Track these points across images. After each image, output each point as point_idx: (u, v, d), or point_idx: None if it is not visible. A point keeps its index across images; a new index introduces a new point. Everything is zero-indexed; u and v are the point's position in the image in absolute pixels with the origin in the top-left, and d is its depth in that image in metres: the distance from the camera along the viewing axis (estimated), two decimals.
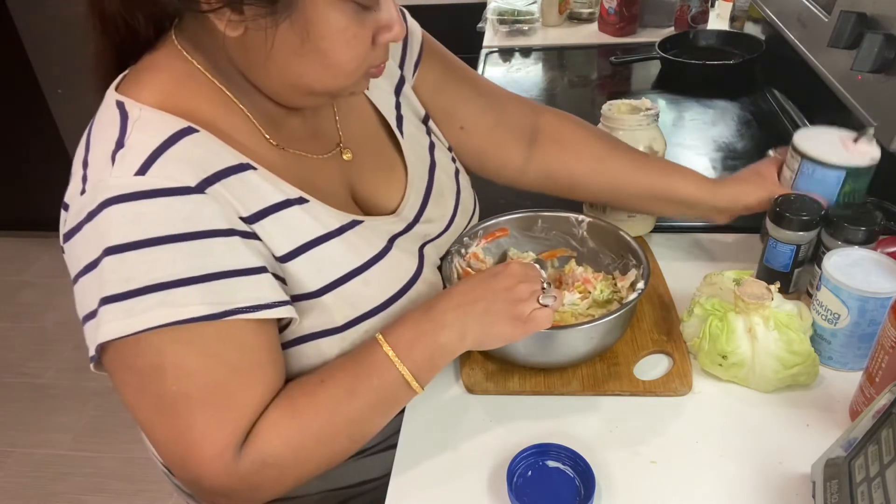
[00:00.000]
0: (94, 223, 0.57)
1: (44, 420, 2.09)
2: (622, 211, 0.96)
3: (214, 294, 0.58)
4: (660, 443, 0.70)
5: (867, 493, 0.51)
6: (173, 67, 0.63)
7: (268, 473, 0.61)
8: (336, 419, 0.64)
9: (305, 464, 0.64)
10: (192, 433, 0.59)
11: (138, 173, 0.56)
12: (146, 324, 0.56)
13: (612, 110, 0.95)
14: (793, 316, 0.73)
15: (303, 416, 0.63)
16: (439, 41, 0.91)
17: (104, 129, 0.60)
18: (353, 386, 0.64)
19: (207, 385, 0.59)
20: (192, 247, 0.57)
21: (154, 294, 0.56)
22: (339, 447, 0.65)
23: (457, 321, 0.66)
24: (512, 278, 0.67)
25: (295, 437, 0.62)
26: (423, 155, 0.83)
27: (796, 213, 0.80)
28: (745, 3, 1.69)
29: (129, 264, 0.56)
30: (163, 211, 0.57)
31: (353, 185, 0.76)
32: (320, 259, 0.67)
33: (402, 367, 0.64)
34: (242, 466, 0.60)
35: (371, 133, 0.80)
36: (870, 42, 0.86)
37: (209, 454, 0.59)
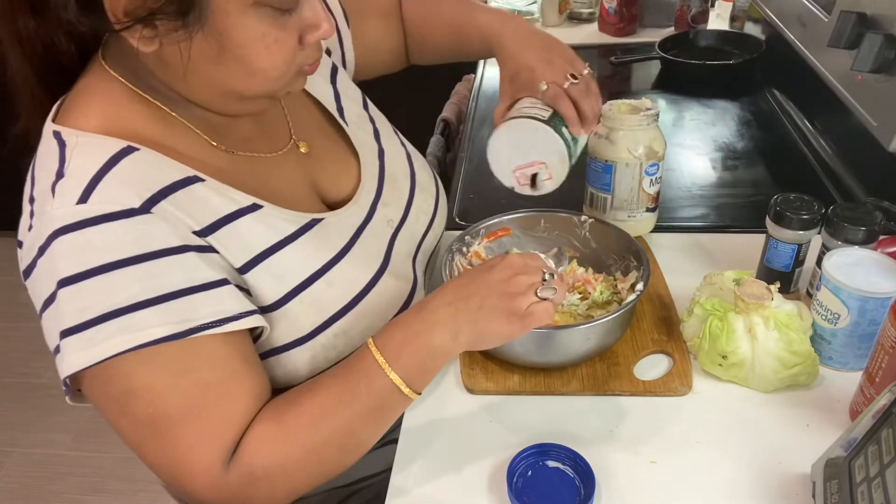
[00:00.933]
0: (45, 257, 0.56)
1: (44, 420, 2.09)
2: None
3: (175, 313, 0.57)
4: (660, 443, 0.70)
5: (867, 493, 0.51)
6: (105, 89, 0.61)
7: (258, 487, 0.60)
8: (324, 429, 0.62)
9: (296, 476, 0.62)
10: (177, 450, 0.59)
11: (80, 202, 0.55)
12: (108, 352, 0.55)
13: (612, 110, 0.95)
14: (793, 316, 0.73)
15: (289, 426, 0.61)
16: None
17: (44, 161, 0.60)
18: (342, 394, 0.62)
19: (182, 403, 0.58)
20: (146, 268, 0.56)
21: (113, 321, 0.55)
22: (330, 459, 0.64)
23: (449, 320, 0.61)
24: (508, 270, 0.63)
25: (282, 450, 0.61)
26: (370, 142, 0.83)
27: (797, 212, 0.80)
28: (745, 3, 1.69)
29: (84, 294, 0.55)
30: (110, 236, 0.55)
31: (315, 178, 0.75)
32: (278, 266, 0.65)
33: (392, 373, 0.61)
34: (232, 480, 0.60)
35: (320, 125, 0.80)
36: (870, 42, 0.86)
37: (197, 470, 0.59)
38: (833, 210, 0.78)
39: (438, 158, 1.42)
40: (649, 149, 0.93)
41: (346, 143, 0.81)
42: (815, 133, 1.25)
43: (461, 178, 1.24)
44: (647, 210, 0.98)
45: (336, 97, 0.82)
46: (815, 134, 1.25)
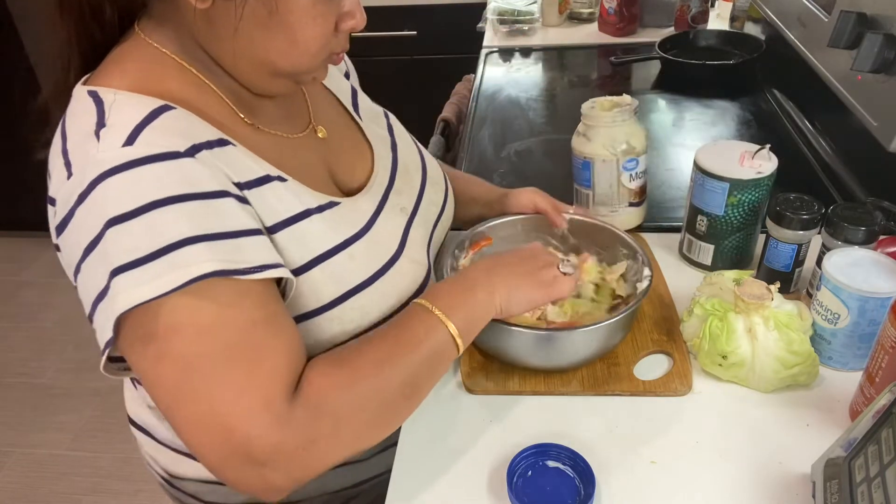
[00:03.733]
0: (87, 203, 0.56)
1: (44, 420, 2.09)
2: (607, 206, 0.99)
3: (222, 252, 0.56)
4: (660, 443, 0.70)
5: (867, 493, 0.51)
6: (140, 54, 0.63)
7: (324, 424, 0.57)
8: (388, 372, 0.61)
9: (360, 416, 0.59)
10: (228, 390, 0.55)
11: (126, 144, 0.56)
12: (160, 289, 0.54)
13: (594, 108, 0.96)
14: (793, 316, 0.73)
15: (354, 366, 0.61)
16: (439, 41, 0.92)
17: (79, 118, 0.60)
18: (402, 343, 0.63)
19: (230, 340, 0.56)
20: (193, 207, 0.56)
21: (163, 258, 0.54)
22: (393, 403, 0.62)
23: (486, 280, 0.69)
24: (529, 251, 0.75)
25: (348, 385, 0.59)
26: (384, 135, 0.85)
27: (797, 212, 0.80)
28: (745, 3, 1.69)
29: (133, 233, 0.54)
30: (157, 175, 0.56)
31: (330, 164, 0.76)
32: (304, 234, 0.67)
33: (450, 324, 0.64)
34: (297, 415, 0.56)
35: (338, 116, 0.83)
36: (870, 42, 0.86)
37: (256, 407, 0.55)
38: (833, 210, 0.78)
39: (438, 158, 1.42)
40: (627, 145, 0.93)
41: (361, 136, 0.83)
42: (815, 133, 1.25)
43: None
44: (631, 205, 0.99)
45: (353, 94, 0.87)
46: (815, 134, 1.25)
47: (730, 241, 0.89)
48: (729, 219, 0.87)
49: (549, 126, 1.41)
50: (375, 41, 2.34)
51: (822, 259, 0.75)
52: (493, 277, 0.69)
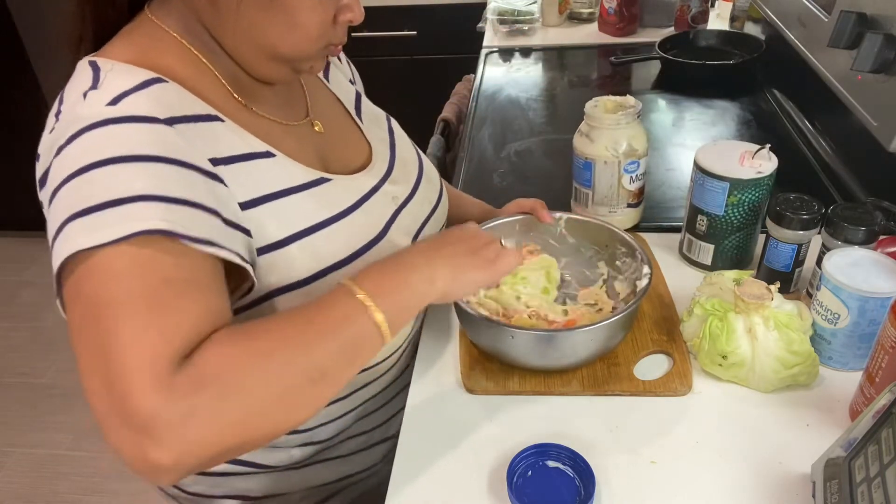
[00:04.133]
0: (62, 155, 0.57)
1: (44, 420, 2.09)
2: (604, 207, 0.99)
3: (176, 215, 0.55)
4: (660, 443, 0.70)
5: (867, 493, 0.51)
6: (145, 33, 0.66)
7: (206, 394, 0.51)
8: (292, 348, 0.56)
9: (250, 391, 0.53)
10: (119, 340, 0.52)
11: (109, 104, 0.58)
12: (104, 238, 0.53)
13: (597, 108, 0.96)
14: (793, 316, 0.73)
15: (253, 340, 0.55)
16: (439, 41, 0.93)
17: (76, 84, 0.62)
18: (312, 324, 0.58)
19: (135, 290, 0.53)
20: (157, 168, 0.56)
21: (116, 209, 0.54)
22: (295, 384, 0.56)
23: (425, 264, 0.64)
24: (468, 230, 0.71)
25: (240, 356, 0.54)
26: (384, 136, 0.86)
27: (797, 212, 0.80)
28: (745, 3, 1.69)
29: (93, 182, 0.55)
30: (130, 134, 0.57)
31: (324, 154, 0.77)
32: (285, 209, 0.67)
33: (377, 313, 0.59)
34: (177, 382, 0.51)
35: (336, 115, 0.84)
36: (870, 42, 0.86)
37: (137, 364, 0.51)
38: (833, 210, 0.78)
39: (438, 158, 1.42)
40: (629, 147, 0.94)
41: (360, 135, 0.84)
42: (815, 133, 1.25)
43: (461, 178, 1.24)
44: (629, 206, 0.99)
45: (357, 97, 0.87)
46: (815, 134, 1.25)
47: (730, 240, 0.89)
48: (729, 219, 0.87)
49: (549, 126, 1.41)
50: (375, 41, 2.34)
51: (822, 259, 0.75)
52: (433, 261, 0.64)
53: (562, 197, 1.03)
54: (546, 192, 0.95)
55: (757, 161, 0.85)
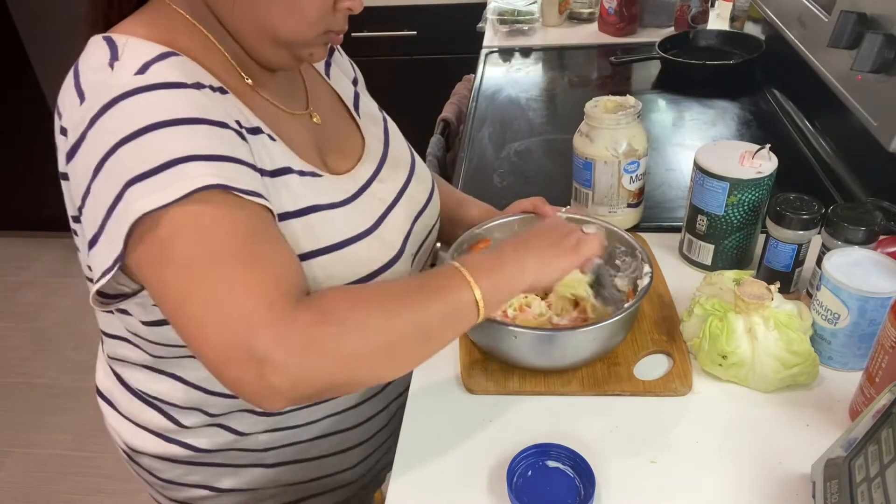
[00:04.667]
0: (98, 125, 0.58)
1: (44, 420, 2.09)
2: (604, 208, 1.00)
3: (225, 171, 0.59)
4: (660, 443, 0.70)
5: (867, 493, 0.51)
6: (155, 12, 0.68)
7: (327, 331, 0.56)
8: (403, 306, 0.61)
9: (368, 336, 0.58)
10: (230, 290, 0.55)
11: (138, 73, 0.60)
12: (168, 197, 0.55)
13: (597, 108, 0.96)
14: (793, 316, 0.73)
15: (368, 292, 0.63)
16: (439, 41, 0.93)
17: (92, 56, 0.63)
18: (422, 288, 0.63)
19: (231, 243, 0.57)
20: (199, 130, 0.59)
21: (170, 170, 0.56)
22: (404, 336, 0.60)
23: (515, 255, 0.70)
24: (549, 224, 0.79)
25: (359, 304, 0.59)
26: (379, 134, 0.87)
27: (797, 212, 0.80)
28: (745, 3, 1.69)
29: (145, 147, 0.57)
30: (166, 100, 0.59)
31: (321, 146, 0.78)
32: (289, 186, 0.69)
33: (476, 289, 0.64)
34: (300, 314, 0.55)
35: (335, 109, 0.85)
36: (870, 42, 0.86)
37: (256, 305, 0.54)
38: (833, 210, 0.78)
39: (438, 158, 1.42)
40: (629, 147, 0.94)
41: (356, 130, 0.85)
42: (815, 133, 1.25)
43: (461, 178, 1.24)
44: (629, 206, 1.00)
45: (355, 96, 0.89)
46: (815, 134, 1.25)
47: (730, 240, 0.89)
48: (729, 218, 0.87)
49: (549, 126, 1.41)
50: (375, 41, 2.34)
51: (822, 259, 0.75)
52: (523, 253, 0.70)
53: (562, 197, 1.03)
54: (546, 192, 0.95)
55: (757, 161, 0.85)
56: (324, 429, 0.83)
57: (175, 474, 0.83)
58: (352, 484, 0.93)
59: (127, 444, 0.84)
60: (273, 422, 0.80)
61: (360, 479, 0.94)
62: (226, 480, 0.83)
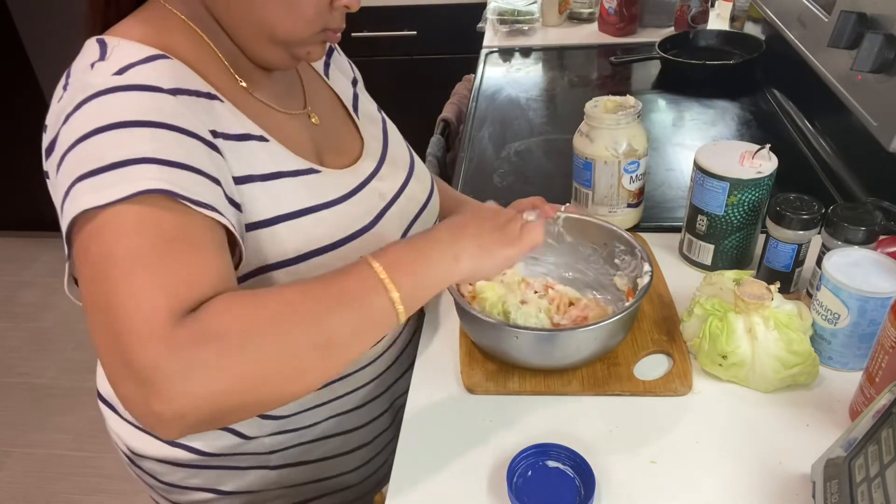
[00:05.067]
0: (69, 122, 0.58)
1: (44, 420, 2.09)
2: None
3: (178, 178, 0.56)
4: (660, 443, 0.70)
5: (867, 493, 0.51)
6: (151, 13, 0.68)
7: (207, 348, 0.51)
8: (301, 311, 0.55)
9: (253, 351, 0.52)
10: (121, 295, 0.52)
11: (115, 74, 0.60)
12: (109, 197, 0.54)
13: (597, 108, 0.96)
14: (793, 316, 0.73)
15: (261, 302, 0.55)
16: (439, 41, 0.93)
17: (83, 58, 0.64)
18: (326, 293, 0.57)
19: (141, 247, 0.54)
20: (161, 134, 0.58)
21: (120, 170, 0.55)
22: (300, 352, 0.54)
23: (449, 240, 0.63)
24: (489, 209, 0.70)
25: (246, 316, 0.53)
26: (377, 134, 0.87)
27: (797, 212, 0.80)
28: (745, 3, 1.69)
29: (99, 145, 0.56)
30: (136, 101, 0.59)
31: (319, 145, 0.78)
32: (275, 190, 0.68)
33: (393, 291, 0.57)
34: (178, 335, 0.51)
35: (333, 109, 0.85)
36: (870, 42, 0.86)
37: (139, 317, 0.51)
38: (833, 210, 0.78)
39: (438, 158, 1.42)
40: (629, 147, 0.94)
41: (355, 130, 0.85)
42: (815, 133, 1.25)
43: (461, 178, 1.24)
44: (629, 206, 1.00)
45: (354, 97, 0.89)
46: (815, 134, 1.25)
47: (730, 240, 0.89)
48: (729, 218, 0.87)
49: (549, 126, 1.41)
50: (375, 41, 2.34)
51: (822, 259, 0.75)
52: (459, 242, 0.63)
53: (562, 197, 1.03)
54: (546, 192, 0.95)
55: (757, 161, 0.85)
56: (327, 430, 0.83)
57: (178, 477, 0.82)
58: (356, 486, 0.93)
59: (129, 447, 0.84)
60: (278, 424, 0.79)
61: (363, 482, 0.94)
62: (229, 483, 0.83)
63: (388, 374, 0.87)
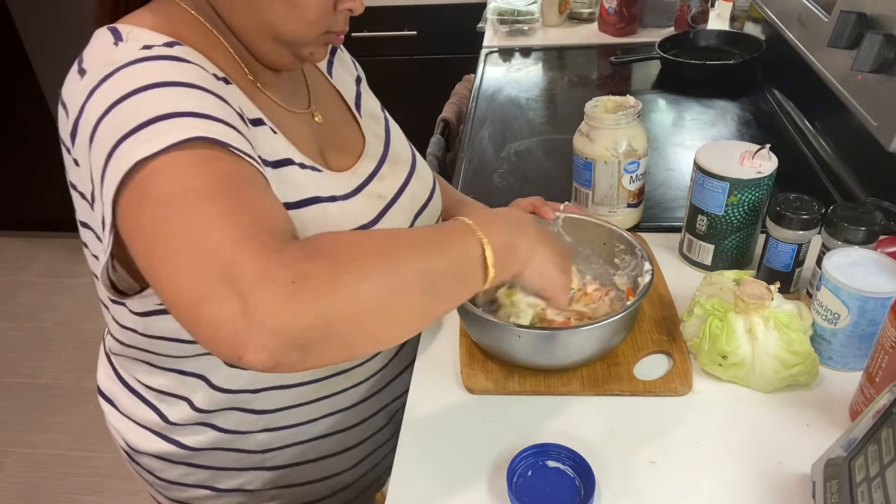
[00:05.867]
0: (98, 92, 0.57)
1: (44, 420, 2.09)
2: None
3: (220, 129, 0.56)
4: (660, 443, 0.70)
5: (867, 493, 0.51)
6: (161, 7, 0.68)
7: (318, 264, 0.49)
8: (408, 247, 0.55)
9: (366, 276, 0.51)
10: (210, 224, 0.49)
11: (143, 48, 0.60)
12: (156, 147, 0.52)
13: (597, 108, 0.96)
14: (793, 316, 0.73)
15: (366, 234, 0.59)
16: (439, 41, 0.94)
17: (97, 42, 0.63)
18: (429, 236, 0.59)
19: (214, 181, 0.52)
20: (197, 93, 0.58)
21: (163, 122, 0.54)
22: (406, 284, 0.54)
23: (535, 238, 0.67)
24: (557, 240, 0.73)
25: (357, 244, 0.54)
26: (380, 133, 0.87)
27: (797, 212, 0.80)
28: (745, 3, 1.69)
29: (140, 103, 0.56)
30: (168, 66, 0.59)
31: (322, 144, 0.78)
32: (286, 177, 0.69)
33: (487, 246, 0.60)
34: (289, 249, 0.49)
35: (336, 107, 0.85)
36: (870, 42, 0.86)
37: (239, 237, 0.48)
38: (833, 210, 0.78)
39: (438, 158, 1.42)
40: (629, 147, 0.94)
41: (358, 129, 0.85)
42: (815, 133, 1.25)
43: (461, 178, 1.24)
44: (629, 206, 1.00)
45: (357, 95, 0.89)
46: (815, 134, 1.25)
47: (730, 240, 0.89)
48: (729, 218, 0.87)
49: (549, 126, 1.41)
50: (375, 41, 2.34)
51: (822, 259, 0.75)
52: (537, 249, 0.67)
53: (562, 197, 1.02)
54: (546, 192, 0.95)
55: (757, 161, 0.85)
56: (324, 429, 0.83)
57: (175, 474, 0.83)
58: (352, 485, 0.93)
59: (127, 443, 0.84)
60: (269, 420, 0.79)
61: (360, 480, 0.94)
62: (226, 482, 0.83)
63: (385, 372, 0.87)
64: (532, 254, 0.66)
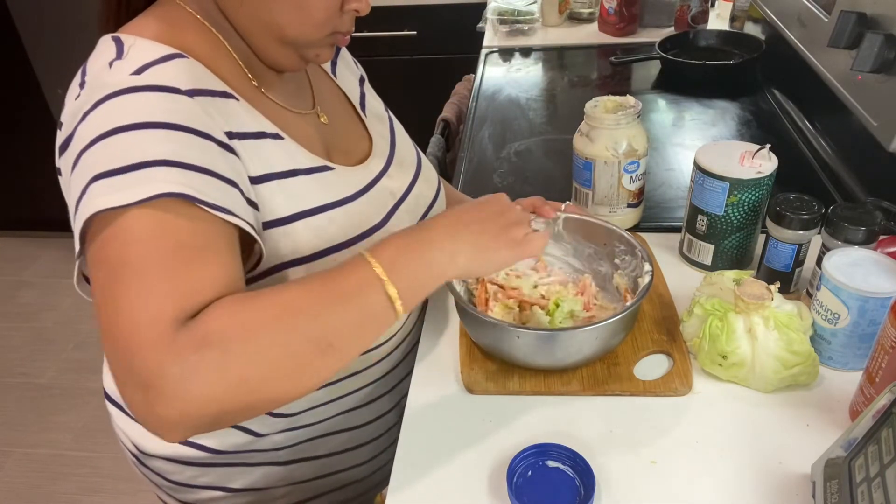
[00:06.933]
0: (88, 120, 0.59)
1: (44, 420, 2.09)
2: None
3: (194, 181, 0.57)
4: (660, 443, 0.70)
5: (867, 493, 0.51)
6: (165, 12, 0.68)
7: (208, 356, 0.51)
8: (299, 315, 0.55)
9: (254, 354, 0.53)
10: (128, 301, 0.53)
11: (134, 73, 0.60)
12: (126, 199, 0.54)
13: (597, 108, 0.96)
14: (793, 316, 0.73)
15: (261, 304, 0.55)
16: (439, 41, 0.94)
17: (99, 55, 0.64)
18: (325, 291, 0.57)
19: (151, 253, 0.54)
20: (177, 136, 0.58)
21: (138, 172, 0.55)
22: (301, 352, 0.55)
23: (448, 240, 0.62)
24: (502, 203, 0.69)
25: (246, 319, 0.54)
26: (385, 133, 0.87)
27: (797, 212, 0.80)
28: (745, 3, 1.69)
29: (118, 146, 0.57)
30: (154, 102, 0.59)
31: (329, 143, 0.79)
32: (292, 187, 0.69)
33: (389, 286, 0.57)
34: (179, 340, 0.51)
35: (341, 108, 0.86)
36: (870, 42, 0.86)
37: (143, 320, 0.52)
38: (833, 210, 0.78)
39: (438, 158, 1.42)
40: (629, 147, 0.94)
41: (363, 129, 0.85)
42: (815, 133, 1.25)
43: (461, 178, 1.24)
44: (629, 206, 1.00)
45: (361, 95, 0.89)
46: (815, 134, 1.25)
47: (730, 240, 0.89)
48: (729, 218, 0.87)
49: (549, 126, 1.41)
50: (375, 41, 2.34)
51: (822, 259, 0.75)
52: (457, 238, 0.63)
53: (561, 197, 1.02)
54: (546, 192, 0.95)
55: (757, 161, 0.85)
56: (333, 426, 0.84)
57: (186, 476, 0.82)
58: (361, 481, 0.93)
59: (137, 446, 0.84)
60: (289, 422, 0.80)
61: (370, 477, 0.94)
62: (238, 480, 0.83)
63: (395, 372, 0.87)
64: (455, 249, 0.62)
